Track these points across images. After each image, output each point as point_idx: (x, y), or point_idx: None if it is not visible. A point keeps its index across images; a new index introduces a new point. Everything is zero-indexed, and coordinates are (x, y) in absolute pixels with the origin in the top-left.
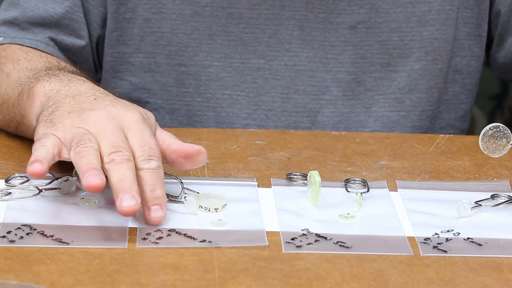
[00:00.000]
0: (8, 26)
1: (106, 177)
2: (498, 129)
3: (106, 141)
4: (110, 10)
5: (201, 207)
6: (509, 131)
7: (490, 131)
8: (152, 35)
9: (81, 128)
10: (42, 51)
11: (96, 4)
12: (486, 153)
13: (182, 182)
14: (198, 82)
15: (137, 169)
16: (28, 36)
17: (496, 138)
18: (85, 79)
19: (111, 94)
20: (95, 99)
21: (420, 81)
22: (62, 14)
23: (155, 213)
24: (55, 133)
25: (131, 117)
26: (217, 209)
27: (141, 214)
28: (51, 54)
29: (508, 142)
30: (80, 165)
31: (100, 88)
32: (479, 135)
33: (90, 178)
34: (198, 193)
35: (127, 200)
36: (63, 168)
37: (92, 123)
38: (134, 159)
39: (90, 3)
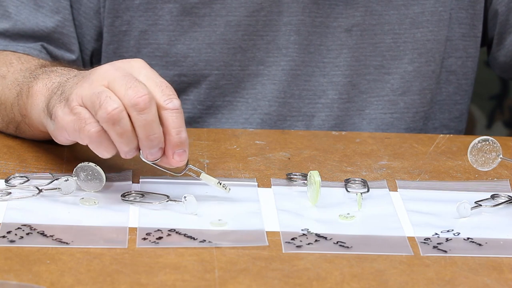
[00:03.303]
0: None
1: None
2: (487, 142)
3: (120, 85)
4: (105, 23)
5: (220, 184)
6: (499, 144)
7: (479, 144)
8: (149, 47)
9: (94, 85)
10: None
11: (89, 18)
12: (475, 166)
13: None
14: (199, 90)
15: (160, 107)
16: (21, 44)
17: (485, 152)
18: (82, 69)
19: None
20: (95, 68)
21: (413, 82)
22: (53, 28)
23: (180, 157)
24: (73, 104)
25: (136, 63)
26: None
27: (142, 214)
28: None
29: (497, 155)
30: (121, 147)
31: None
32: (478, 136)
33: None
34: (201, 172)
35: (154, 154)
36: (63, 168)
37: (101, 77)
38: (155, 98)
39: (83, 16)
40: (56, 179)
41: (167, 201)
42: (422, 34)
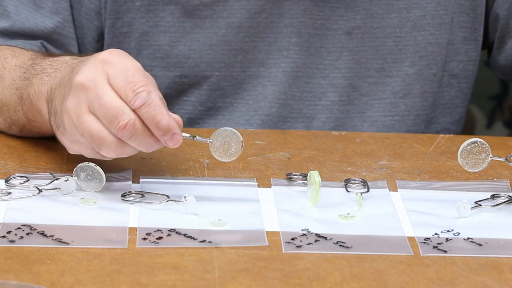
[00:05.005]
0: None
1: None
2: (476, 144)
3: (102, 115)
4: (106, 24)
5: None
6: (487, 145)
7: (468, 147)
8: (149, 48)
9: (78, 113)
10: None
11: (91, 19)
12: (466, 168)
13: (193, 136)
14: (200, 92)
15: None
16: (20, 41)
17: (475, 154)
18: (68, 59)
19: (85, 57)
20: (72, 72)
21: (414, 85)
22: (52, 29)
23: (171, 142)
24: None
25: (105, 66)
26: (242, 144)
27: (142, 214)
28: None
29: (487, 155)
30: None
31: (78, 58)
32: (476, 137)
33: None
34: (211, 141)
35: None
36: (63, 168)
37: (82, 100)
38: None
39: (84, 17)
40: (56, 179)
41: (167, 201)
42: (424, 37)
